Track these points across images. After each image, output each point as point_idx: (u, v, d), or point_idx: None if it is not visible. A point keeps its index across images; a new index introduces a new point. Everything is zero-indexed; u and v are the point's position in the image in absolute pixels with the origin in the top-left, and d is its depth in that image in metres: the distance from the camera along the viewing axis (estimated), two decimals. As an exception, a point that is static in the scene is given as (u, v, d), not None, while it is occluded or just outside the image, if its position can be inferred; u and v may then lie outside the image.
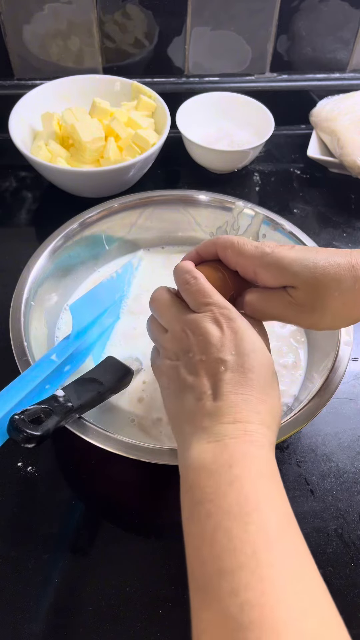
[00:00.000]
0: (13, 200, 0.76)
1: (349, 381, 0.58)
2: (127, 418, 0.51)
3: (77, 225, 0.59)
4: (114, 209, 0.61)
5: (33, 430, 0.37)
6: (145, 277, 0.62)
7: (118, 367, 0.48)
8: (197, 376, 0.37)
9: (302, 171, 0.81)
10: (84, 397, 0.43)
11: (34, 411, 0.39)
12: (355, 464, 0.53)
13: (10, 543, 0.47)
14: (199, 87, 0.83)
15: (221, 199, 0.62)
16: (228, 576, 0.28)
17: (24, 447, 0.37)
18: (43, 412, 0.39)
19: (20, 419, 0.38)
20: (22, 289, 0.53)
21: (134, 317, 0.58)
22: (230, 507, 0.31)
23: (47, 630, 0.43)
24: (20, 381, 0.44)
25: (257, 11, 0.77)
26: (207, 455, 0.34)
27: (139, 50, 0.80)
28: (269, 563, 0.28)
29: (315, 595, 0.29)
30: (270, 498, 0.32)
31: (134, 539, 0.48)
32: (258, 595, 0.27)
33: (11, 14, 0.74)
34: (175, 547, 0.47)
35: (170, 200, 0.63)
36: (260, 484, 0.32)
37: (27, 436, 0.37)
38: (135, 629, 0.43)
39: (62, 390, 0.42)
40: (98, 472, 0.51)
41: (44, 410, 0.40)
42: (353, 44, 0.83)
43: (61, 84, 0.77)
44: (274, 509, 0.31)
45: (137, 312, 0.59)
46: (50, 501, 0.49)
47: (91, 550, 0.47)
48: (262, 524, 0.30)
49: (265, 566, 0.28)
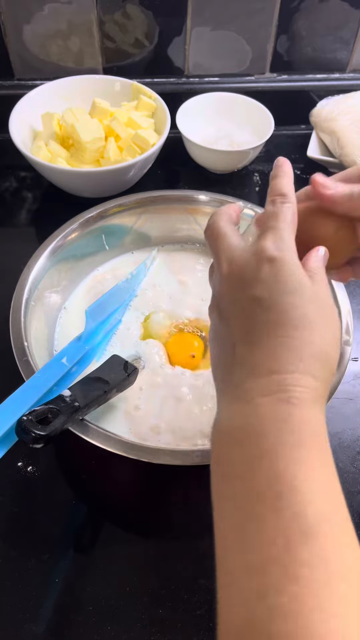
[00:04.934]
0: (13, 200, 0.76)
1: (348, 381, 0.58)
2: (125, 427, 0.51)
3: (77, 225, 0.59)
4: (114, 209, 0.61)
5: (41, 430, 0.37)
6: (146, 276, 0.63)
7: (123, 365, 0.48)
8: (231, 318, 0.32)
9: (302, 171, 0.81)
10: (90, 396, 0.43)
11: (42, 412, 0.39)
12: (355, 464, 0.53)
13: (10, 543, 0.47)
14: (199, 87, 0.83)
15: (221, 199, 0.62)
16: (256, 572, 0.24)
17: (32, 447, 0.37)
18: (50, 412, 0.40)
19: (28, 419, 0.38)
20: (22, 289, 0.53)
21: (137, 313, 0.58)
22: (260, 487, 0.26)
23: (47, 630, 0.43)
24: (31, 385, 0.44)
25: (257, 11, 0.77)
26: (236, 420, 0.29)
27: (139, 51, 0.80)
28: (305, 560, 0.23)
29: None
30: (309, 475, 0.26)
31: (134, 539, 0.48)
32: (290, 599, 0.22)
33: (11, 14, 0.74)
34: (175, 546, 0.47)
35: (170, 200, 0.63)
36: (297, 456, 0.26)
37: (35, 437, 0.37)
38: (135, 629, 0.43)
39: (69, 390, 0.42)
40: (98, 472, 0.51)
41: (51, 410, 0.40)
42: (353, 44, 0.83)
43: (61, 84, 0.77)
44: (313, 489, 0.26)
45: (139, 308, 0.59)
46: (50, 501, 0.49)
47: (91, 550, 0.47)
48: (297, 508, 0.25)
49: (300, 563, 0.23)
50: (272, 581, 0.23)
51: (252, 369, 0.30)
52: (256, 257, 0.32)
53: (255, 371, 0.29)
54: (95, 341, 0.52)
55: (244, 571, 0.24)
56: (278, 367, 0.29)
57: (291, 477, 0.26)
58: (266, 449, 0.27)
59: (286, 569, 0.23)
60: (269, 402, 0.28)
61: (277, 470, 0.26)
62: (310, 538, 0.24)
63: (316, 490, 0.26)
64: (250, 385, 0.29)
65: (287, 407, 0.28)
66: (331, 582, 0.23)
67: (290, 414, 0.28)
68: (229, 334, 0.32)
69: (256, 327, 0.30)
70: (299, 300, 0.30)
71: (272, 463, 0.26)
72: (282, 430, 0.27)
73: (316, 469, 0.27)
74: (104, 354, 0.54)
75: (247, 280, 0.32)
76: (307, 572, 0.23)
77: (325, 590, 0.22)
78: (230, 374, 0.31)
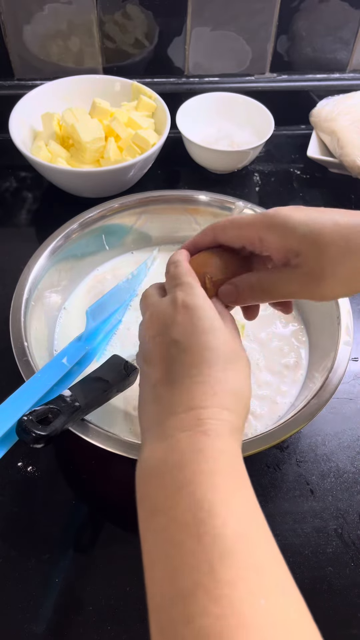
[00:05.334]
0: (13, 200, 0.76)
1: (349, 381, 0.58)
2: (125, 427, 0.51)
3: (77, 225, 0.59)
4: (114, 209, 0.61)
5: (41, 430, 0.37)
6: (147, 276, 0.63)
7: (123, 365, 0.48)
8: (152, 361, 0.34)
9: (302, 171, 0.81)
10: (90, 396, 0.43)
11: (42, 412, 0.39)
12: (355, 464, 0.53)
13: (10, 543, 0.47)
14: (199, 87, 0.83)
15: (221, 199, 0.62)
16: (183, 599, 0.24)
17: (33, 447, 0.37)
18: (51, 412, 0.40)
19: (29, 419, 0.38)
20: (22, 289, 0.53)
21: (136, 313, 0.58)
22: (183, 517, 0.27)
23: (47, 630, 0.43)
24: (31, 385, 0.44)
25: (257, 11, 0.77)
26: (157, 456, 0.30)
27: (139, 51, 0.80)
28: (227, 580, 0.24)
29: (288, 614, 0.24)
30: (226, 499, 0.27)
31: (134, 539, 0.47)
32: (215, 620, 0.23)
33: (11, 14, 0.75)
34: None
35: (170, 200, 0.63)
36: (215, 483, 0.28)
37: (36, 437, 0.37)
38: (135, 629, 0.43)
39: (69, 390, 0.42)
40: (98, 472, 0.51)
41: (51, 410, 0.40)
42: (353, 44, 0.83)
43: (61, 84, 0.77)
44: (230, 511, 0.27)
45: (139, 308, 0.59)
46: (50, 501, 0.49)
47: (91, 550, 0.47)
48: (217, 533, 0.26)
49: (222, 584, 0.24)
50: (197, 605, 0.24)
51: (171, 407, 0.31)
52: (173, 306, 0.35)
53: (175, 409, 0.31)
54: (96, 341, 0.52)
55: (172, 599, 0.25)
56: (194, 404, 0.31)
57: (209, 504, 0.27)
58: (185, 480, 0.28)
59: (210, 591, 0.24)
60: (188, 436, 0.30)
61: (196, 498, 0.27)
62: (229, 558, 0.25)
63: (233, 512, 0.27)
64: (170, 423, 0.31)
65: (204, 439, 0.29)
66: (251, 598, 0.24)
67: (206, 444, 0.29)
68: (150, 374, 0.34)
69: (174, 367, 0.33)
70: (212, 340, 0.33)
71: (191, 492, 0.27)
72: (198, 460, 0.29)
73: (233, 493, 0.28)
74: (104, 354, 0.54)
75: (167, 324, 0.35)
76: (228, 592, 0.24)
77: (246, 608, 0.23)
78: (152, 413, 0.33)
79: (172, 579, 0.25)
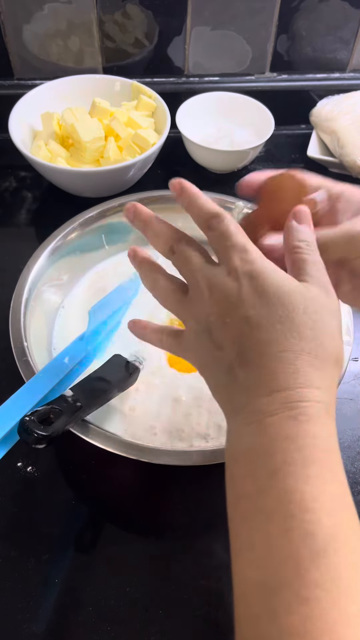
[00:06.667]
0: (13, 200, 0.76)
1: (349, 381, 0.58)
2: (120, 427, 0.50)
3: (77, 225, 0.59)
4: (114, 209, 0.61)
5: (43, 431, 0.37)
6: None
7: (124, 365, 0.48)
8: (222, 344, 0.31)
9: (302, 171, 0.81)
10: (91, 396, 0.43)
11: (44, 412, 0.39)
12: (355, 464, 0.53)
13: (10, 543, 0.47)
14: (199, 87, 0.83)
15: (221, 199, 0.62)
16: (268, 592, 0.24)
17: (35, 447, 0.37)
18: (52, 412, 0.40)
19: (31, 420, 0.38)
20: (22, 289, 0.53)
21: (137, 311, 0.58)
22: (270, 507, 0.26)
23: (47, 630, 0.42)
24: (33, 385, 0.43)
25: (257, 11, 0.77)
26: (245, 440, 0.29)
27: (139, 50, 0.80)
28: (314, 580, 0.23)
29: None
30: (318, 492, 0.26)
31: (134, 539, 0.48)
32: (301, 620, 0.22)
33: (11, 14, 0.74)
34: (175, 546, 0.47)
35: (171, 200, 0.63)
36: (306, 474, 0.26)
37: (38, 437, 0.37)
38: (135, 629, 0.43)
39: (70, 390, 0.42)
40: (98, 472, 0.51)
41: (53, 410, 0.40)
42: (353, 44, 0.83)
43: (61, 84, 0.77)
44: (322, 507, 0.25)
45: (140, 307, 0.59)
46: (50, 501, 0.49)
47: (91, 550, 0.47)
48: (307, 528, 0.24)
49: (310, 584, 0.23)
50: (282, 602, 0.23)
51: (252, 390, 0.29)
52: (232, 277, 0.31)
53: (257, 392, 0.29)
54: (97, 341, 0.52)
55: (256, 590, 0.25)
56: (277, 385, 0.28)
57: (300, 496, 0.25)
58: (275, 469, 0.26)
59: (297, 590, 0.23)
60: (277, 420, 0.28)
61: (286, 489, 0.26)
62: (320, 558, 0.24)
63: (326, 508, 0.25)
64: (254, 407, 0.29)
65: (295, 424, 0.27)
66: (341, 603, 0.23)
67: (296, 430, 0.27)
68: (222, 358, 0.31)
69: (248, 347, 0.30)
70: (282, 310, 0.30)
71: (281, 482, 0.26)
72: (290, 449, 0.27)
73: (326, 486, 0.26)
74: (105, 354, 0.54)
75: (232, 301, 0.31)
76: (317, 594, 0.23)
77: (335, 612, 0.23)
78: (232, 396, 0.31)
79: (258, 571, 0.25)
